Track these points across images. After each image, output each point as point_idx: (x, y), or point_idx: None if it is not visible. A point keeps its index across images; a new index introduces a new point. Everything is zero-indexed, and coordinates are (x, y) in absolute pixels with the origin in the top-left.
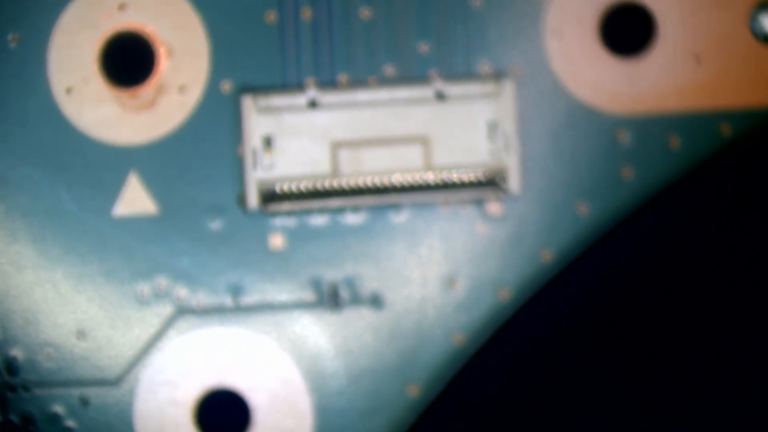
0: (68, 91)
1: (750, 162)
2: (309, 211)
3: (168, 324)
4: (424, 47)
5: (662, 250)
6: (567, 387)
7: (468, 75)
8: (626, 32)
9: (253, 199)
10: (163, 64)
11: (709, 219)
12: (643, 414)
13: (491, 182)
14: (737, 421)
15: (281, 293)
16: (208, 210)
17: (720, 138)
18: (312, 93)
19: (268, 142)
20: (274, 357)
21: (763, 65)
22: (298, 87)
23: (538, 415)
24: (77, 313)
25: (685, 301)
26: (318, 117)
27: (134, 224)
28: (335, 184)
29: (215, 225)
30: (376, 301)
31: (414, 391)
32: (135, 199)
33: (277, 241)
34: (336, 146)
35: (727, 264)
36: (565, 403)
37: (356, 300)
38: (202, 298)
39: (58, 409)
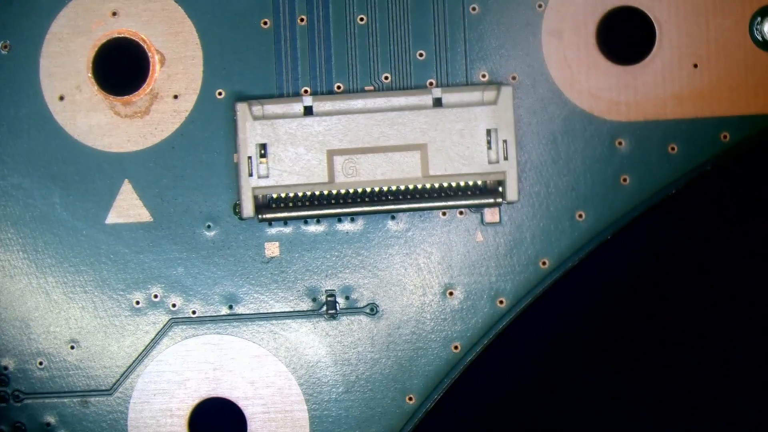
0: (61, 98)
1: (749, 169)
2: (305, 219)
3: (162, 333)
4: (421, 55)
5: (660, 258)
6: (566, 395)
7: (466, 82)
8: (625, 39)
9: (248, 207)
10: (157, 71)
11: (708, 227)
12: (638, 425)
13: (489, 190)
14: (735, 425)
15: (277, 302)
16: (203, 218)
17: (719, 145)
18: (308, 100)
19: (263, 150)
20: (269, 366)
21: (763, 72)
22: (294, 94)
23: (536, 424)
24: (70, 321)
25: (684, 309)
26: (314, 125)
27: (128, 232)
28: (331, 191)
29: (210, 233)
30: (373, 310)
31: (411, 400)
32: (129, 207)
33: (272, 249)
34: (332, 154)
35: (724, 271)
36: (564, 412)
37: (353, 309)
38: (196, 306)
39: (51, 419)
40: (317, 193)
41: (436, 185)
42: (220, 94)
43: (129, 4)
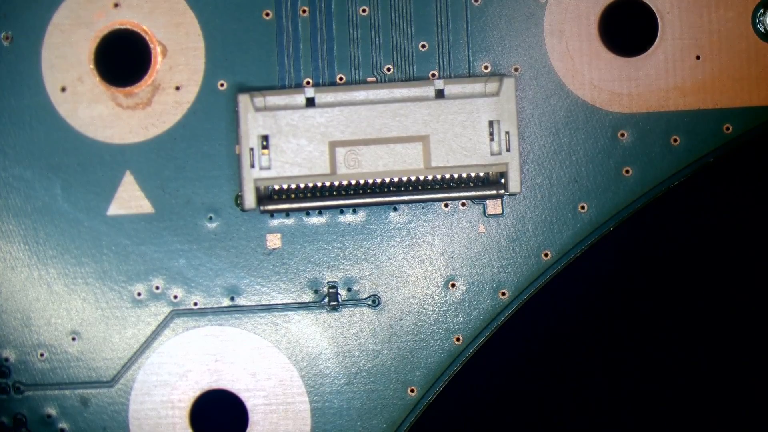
0: (63, 89)
1: (752, 161)
2: (307, 211)
3: (163, 324)
4: (424, 46)
5: (662, 250)
6: (567, 387)
7: (468, 74)
8: (627, 31)
9: (250, 199)
10: (159, 62)
11: (710, 218)
12: (642, 414)
13: (491, 181)
14: (735, 419)
15: (279, 294)
16: (205, 210)
17: (722, 137)
18: (310, 92)
19: (265, 142)
20: (271, 358)
21: (766, 64)
22: (296, 86)
23: (538, 416)
24: (71, 313)
25: (686, 301)
26: (316, 116)
27: (129, 224)
28: (333, 183)
29: (212, 225)
30: (375, 302)
31: (413, 392)
32: (130, 198)
33: (274, 240)
34: (334, 145)
35: (727, 263)
36: (566, 404)
37: (355, 300)
38: (198, 298)
39: (51, 411)
40: (319, 184)
41: (439, 177)
42: (221, 85)
43: None
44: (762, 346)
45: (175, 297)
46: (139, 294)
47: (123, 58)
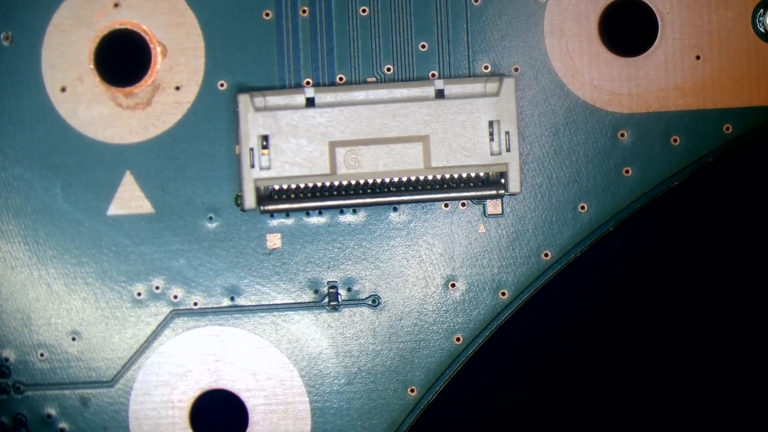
0: (63, 89)
1: (751, 161)
2: (307, 211)
3: (163, 324)
4: (424, 46)
5: (662, 250)
6: (567, 388)
7: (468, 74)
8: (627, 31)
9: (250, 199)
10: (159, 63)
11: (710, 219)
12: (642, 414)
13: (491, 181)
14: (735, 419)
15: (279, 294)
16: (205, 210)
17: (721, 137)
18: (310, 92)
19: (265, 142)
20: (271, 358)
21: (766, 64)
22: (296, 86)
23: (538, 416)
24: (71, 313)
25: (685, 302)
26: (316, 116)
27: (129, 224)
28: (333, 183)
29: (212, 225)
30: (375, 302)
31: (413, 392)
32: (130, 198)
33: (274, 240)
34: (334, 145)
35: (726, 263)
36: (565, 403)
37: (355, 300)
38: (198, 298)
39: (51, 411)
40: (319, 184)
41: (439, 177)
42: (221, 85)
43: None
44: (762, 346)
45: (175, 297)
46: (139, 294)
47: (123, 58)
